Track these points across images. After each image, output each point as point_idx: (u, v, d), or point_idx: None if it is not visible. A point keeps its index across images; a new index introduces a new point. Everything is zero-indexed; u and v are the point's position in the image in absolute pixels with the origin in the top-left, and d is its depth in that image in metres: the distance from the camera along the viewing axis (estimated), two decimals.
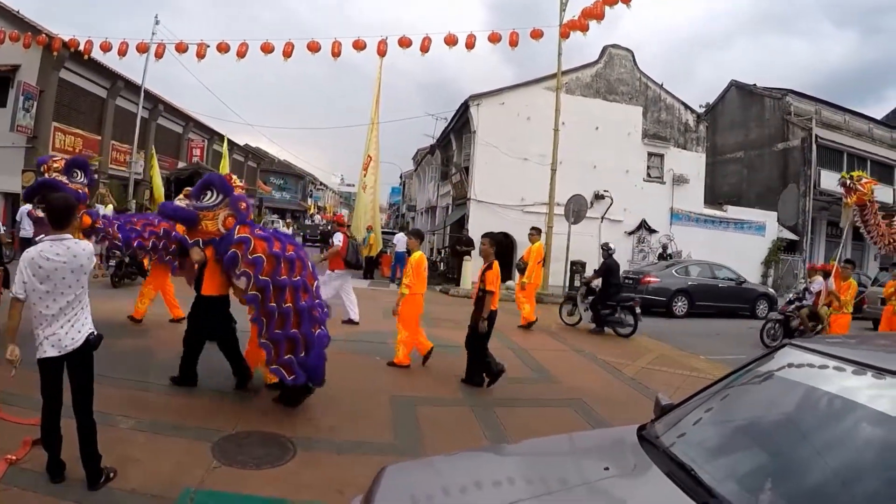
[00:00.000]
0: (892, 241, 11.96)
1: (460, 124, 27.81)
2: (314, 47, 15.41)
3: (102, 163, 26.63)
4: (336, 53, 15.44)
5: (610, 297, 12.83)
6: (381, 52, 15.48)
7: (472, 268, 20.31)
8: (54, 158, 8.89)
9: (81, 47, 17.75)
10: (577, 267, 19.86)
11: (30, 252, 4.18)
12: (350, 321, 11.64)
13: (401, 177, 65.62)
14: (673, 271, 18.81)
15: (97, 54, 17.91)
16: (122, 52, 16.81)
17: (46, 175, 8.51)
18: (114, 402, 5.87)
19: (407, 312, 8.69)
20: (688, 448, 2.64)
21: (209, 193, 6.69)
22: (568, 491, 2.54)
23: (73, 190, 8.28)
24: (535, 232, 14.35)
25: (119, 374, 6.86)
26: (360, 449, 5.41)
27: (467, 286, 19.81)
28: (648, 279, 18.07)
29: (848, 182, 11.67)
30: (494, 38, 15.11)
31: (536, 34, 15.19)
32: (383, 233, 31.74)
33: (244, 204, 6.66)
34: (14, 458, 4.65)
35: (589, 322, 13.41)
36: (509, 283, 20.03)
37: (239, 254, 6.08)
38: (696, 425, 2.93)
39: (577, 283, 19.05)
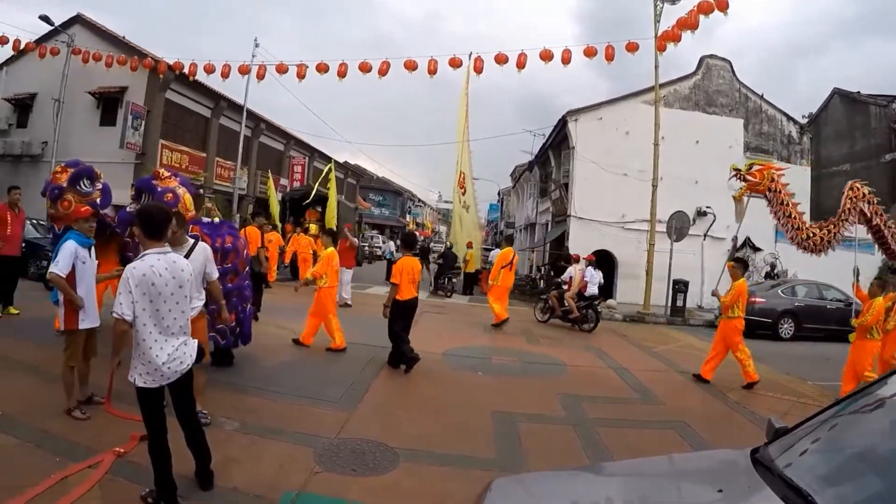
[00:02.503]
0: (811, 234, 10.33)
1: (558, 140, 27.42)
2: (411, 65, 15.60)
3: (207, 178, 27.82)
4: (432, 71, 15.60)
5: None
6: (478, 70, 15.56)
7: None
8: (55, 170, 8.58)
9: (186, 70, 18.59)
10: (679, 286, 18.98)
11: (138, 267, 3.88)
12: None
13: (499, 193, 65.35)
14: (779, 291, 17.72)
15: (201, 76, 18.71)
16: (225, 75, 17.57)
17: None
18: (216, 404, 5.99)
19: None
20: (804, 473, 2.44)
21: (144, 197, 7.75)
22: None
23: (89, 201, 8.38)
24: (505, 241, 15.16)
25: (223, 377, 7.06)
26: (461, 462, 5.28)
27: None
28: (754, 300, 16.91)
29: (736, 173, 10.44)
30: (590, 53, 14.94)
31: (632, 47, 14.92)
32: (485, 249, 31.96)
33: (171, 195, 7.62)
34: (122, 450, 4.80)
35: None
36: (611, 301, 19.59)
37: None
38: (811, 450, 2.73)
39: (678, 303, 18.47)
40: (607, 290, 22.29)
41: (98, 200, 8.18)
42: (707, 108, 25.21)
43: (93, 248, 6.07)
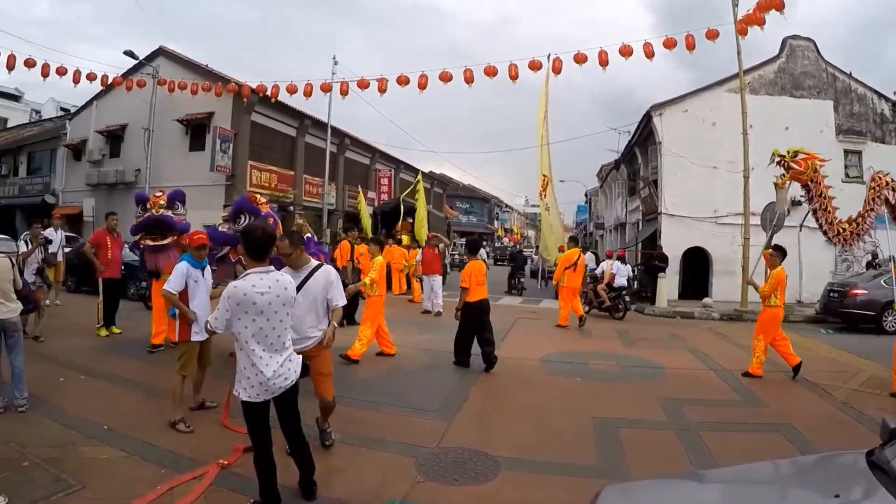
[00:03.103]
0: (841, 230, 10.11)
1: (644, 136, 26.77)
2: (491, 72, 15.55)
3: (297, 195, 28.52)
4: (514, 76, 15.50)
5: None
6: (557, 70, 15.38)
7: (667, 285, 19.65)
8: (155, 194, 9.59)
9: (269, 92, 19.13)
10: None
11: (240, 286, 3.99)
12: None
13: (586, 195, 64.18)
14: (882, 282, 16.68)
15: (284, 97, 19.22)
16: (308, 94, 17.94)
17: (153, 212, 9.30)
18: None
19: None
20: None
21: (242, 217, 8.04)
22: None
23: (180, 221, 9.26)
24: (570, 242, 17.25)
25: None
26: (563, 471, 5.20)
27: (663, 304, 18.92)
28: (855, 291, 15.97)
29: (780, 160, 10.10)
30: (670, 44, 14.55)
31: (712, 34, 14.40)
32: None
33: (272, 219, 7.95)
34: (225, 462, 4.97)
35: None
36: (706, 299, 18.99)
37: None
38: None
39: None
40: (703, 288, 21.77)
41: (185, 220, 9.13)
42: (794, 91, 23.84)
43: (206, 269, 6.82)
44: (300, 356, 4.36)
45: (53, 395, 6.90)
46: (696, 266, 22.35)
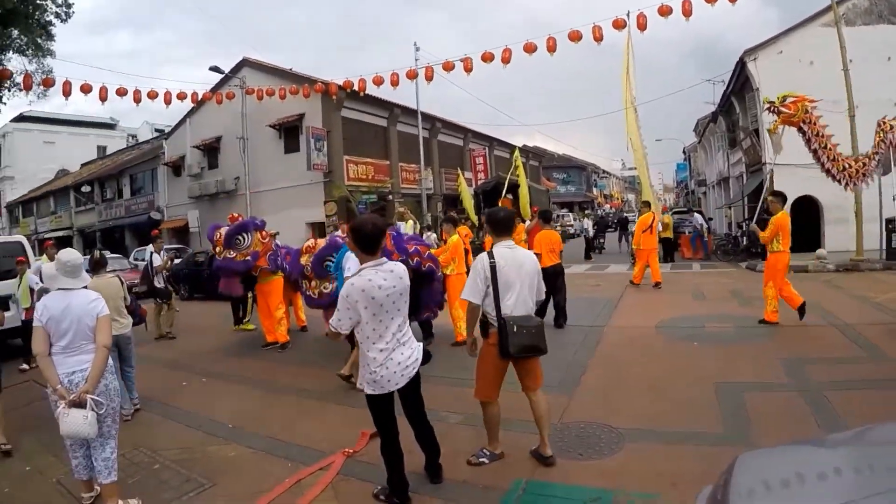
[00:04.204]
0: (847, 166, 10.23)
1: (739, 84, 25.66)
2: (575, 36, 15.26)
3: (394, 184, 29.02)
4: (598, 38, 15.12)
5: None
6: (642, 27, 14.91)
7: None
8: (217, 237, 10.15)
9: (356, 86, 19.43)
10: (893, 225, 16.75)
11: (357, 283, 4.03)
12: None
13: (684, 151, 61.99)
14: None
15: (371, 90, 19.49)
16: (395, 83, 18.09)
17: (218, 258, 10.16)
18: (437, 399, 6.25)
19: None
20: None
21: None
22: None
23: (242, 264, 9.85)
24: (644, 206, 16.92)
25: (437, 372, 7.34)
26: (689, 440, 5.17)
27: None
28: None
29: (769, 106, 10.09)
30: None
31: None
32: (676, 213, 30.84)
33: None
34: (352, 450, 5.22)
35: None
36: (820, 251, 18.13)
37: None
38: None
39: (894, 244, 16.66)
40: (815, 239, 20.67)
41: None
42: (893, 18, 21.95)
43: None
44: (421, 344, 4.42)
45: (178, 399, 7.38)
46: (808, 216, 21.26)
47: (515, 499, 4.34)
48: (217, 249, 10.09)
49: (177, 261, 14.69)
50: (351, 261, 6.85)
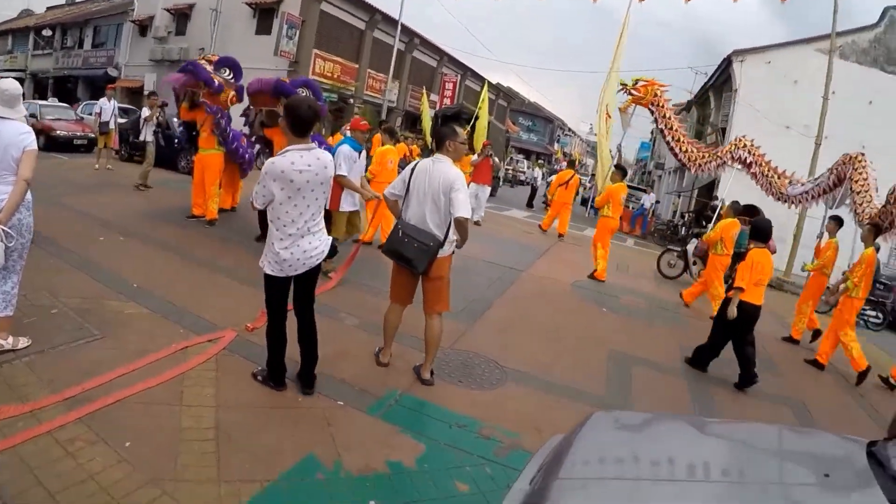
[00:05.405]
0: (692, 156, 10.77)
1: (721, 81, 25.75)
2: None
3: (358, 88, 28.42)
4: None
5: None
6: None
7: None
8: (212, 54, 10.16)
9: None
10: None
11: (277, 163, 3.92)
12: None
13: (651, 132, 62.26)
14: None
15: None
16: None
17: (198, 60, 9.70)
18: (341, 299, 6.35)
19: None
20: None
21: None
22: (781, 487, 2.32)
23: (209, 75, 9.20)
24: (569, 165, 18.05)
25: (355, 276, 7.37)
26: (567, 394, 5.26)
27: None
28: None
29: (622, 87, 10.72)
30: None
31: None
32: (629, 187, 30.95)
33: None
34: (250, 326, 5.26)
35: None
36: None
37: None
38: None
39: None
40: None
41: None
42: (886, 66, 22.16)
43: (363, 152, 7.60)
44: (330, 238, 4.32)
45: (91, 251, 7.12)
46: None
47: (386, 406, 4.37)
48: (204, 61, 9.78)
49: (117, 119, 14.30)
50: (342, 156, 6.99)
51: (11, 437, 3.29)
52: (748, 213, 10.65)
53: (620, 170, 11.18)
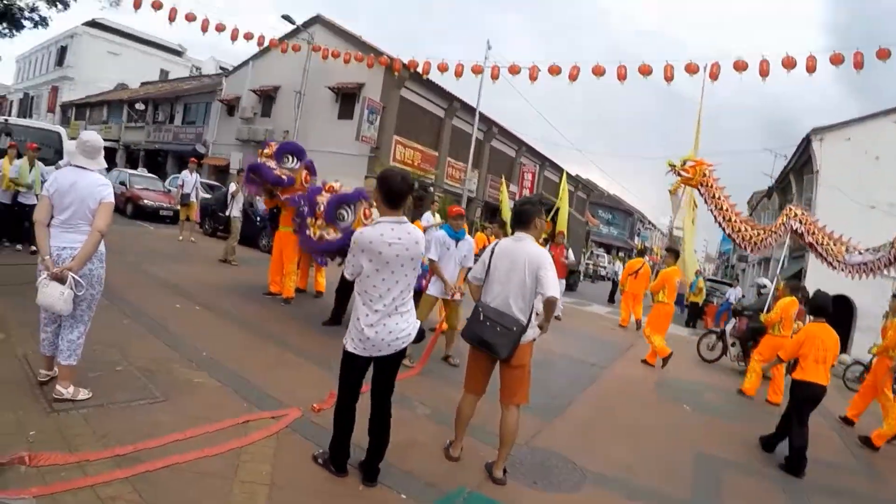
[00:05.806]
0: (745, 235, 10.19)
1: (801, 163, 24.88)
2: (645, 70, 14.91)
3: (438, 177, 28.88)
4: (668, 77, 14.80)
5: None
6: (714, 76, 14.52)
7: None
8: (269, 143, 10.01)
9: (420, 68, 19.21)
10: None
11: (366, 234, 3.84)
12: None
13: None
14: None
15: (435, 75, 19.31)
16: (459, 73, 17.77)
17: (259, 160, 9.58)
18: (416, 388, 6.24)
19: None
20: None
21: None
22: None
23: (276, 175, 9.21)
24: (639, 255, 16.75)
25: (430, 363, 7.26)
26: (652, 497, 4.92)
27: None
28: None
29: (671, 169, 10.30)
30: (836, 60, 13.40)
31: (883, 54, 13.16)
32: (710, 280, 30.12)
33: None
34: (317, 407, 5.20)
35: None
36: (843, 356, 17.37)
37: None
38: None
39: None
40: (843, 342, 19.97)
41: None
42: None
43: (462, 240, 7.53)
44: (418, 322, 4.19)
45: (167, 318, 7.33)
46: (840, 317, 20.55)
47: None
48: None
49: (199, 192, 14.97)
50: (435, 241, 7.21)
51: (52, 485, 3.28)
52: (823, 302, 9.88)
53: (673, 252, 11.21)
